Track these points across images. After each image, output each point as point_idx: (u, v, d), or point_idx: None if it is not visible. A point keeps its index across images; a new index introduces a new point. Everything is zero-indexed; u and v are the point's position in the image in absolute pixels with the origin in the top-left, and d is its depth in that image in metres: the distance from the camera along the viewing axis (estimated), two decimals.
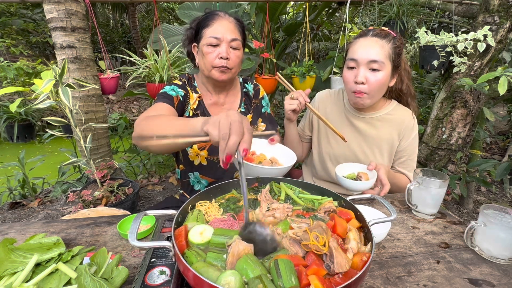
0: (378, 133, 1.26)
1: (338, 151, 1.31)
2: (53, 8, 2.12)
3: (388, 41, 1.11)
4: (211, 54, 1.13)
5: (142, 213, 0.66)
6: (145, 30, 9.99)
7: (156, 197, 2.93)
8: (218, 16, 1.16)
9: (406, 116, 1.25)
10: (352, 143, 1.29)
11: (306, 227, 0.63)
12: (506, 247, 0.77)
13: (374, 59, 1.08)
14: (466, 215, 2.64)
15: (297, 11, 4.86)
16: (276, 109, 4.39)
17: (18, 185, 2.72)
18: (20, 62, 3.60)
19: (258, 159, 1.10)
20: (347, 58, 1.17)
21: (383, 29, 1.15)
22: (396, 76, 1.20)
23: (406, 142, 1.25)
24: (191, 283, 0.53)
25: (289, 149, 1.16)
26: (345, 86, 1.21)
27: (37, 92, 1.78)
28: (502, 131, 4.82)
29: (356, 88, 1.13)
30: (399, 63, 1.16)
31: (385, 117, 1.25)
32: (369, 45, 1.11)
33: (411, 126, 1.24)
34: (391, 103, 1.28)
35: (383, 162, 1.28)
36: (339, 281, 0.53)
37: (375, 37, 1.12)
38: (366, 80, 1.11)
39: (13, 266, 0.63)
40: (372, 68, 1.10)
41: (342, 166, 1.14)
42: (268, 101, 1.42)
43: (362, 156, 1.28)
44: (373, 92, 1.13)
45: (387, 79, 1.14)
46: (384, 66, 1.10)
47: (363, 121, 1.27)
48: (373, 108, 1.26)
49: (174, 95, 1.17)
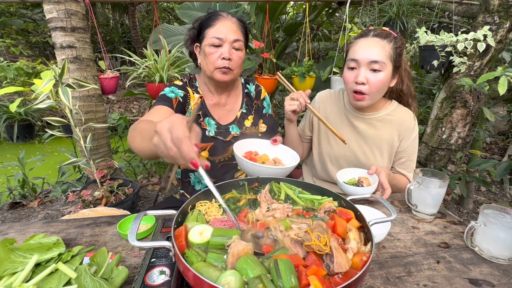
0: (378, 133, 1.26)
1: (338, 151, 1.31)
2: (53, 8, 2.12)
3: (389, 41, 1.11)
4: (213, 55, 1.13)
5: (142, 213, 0.66)
6: (145, 30, 9.99)
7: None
8: (221, 16, 1.15)
9: (406, 116, 1.25)
10: (352, 144, 1.29)
11: (306, 227, 0.63)
12: (506, 247, 0.77)
13: (375, 60, 1.08)
14: (466, 215, 2.65)
15: (297, 11, 4.86)
16: (276, 109, 4.39)
17: (18, 185, 2.72)
18: (20, 62, 3.60)
19: (261, 159, 1.11)
20: (348, 59, 1.17)
21: (384, 29, 1.15)
22: (397, 76, 1.19)
23: (406, 143, 1.25)
24: (191, 283, 0.53)
25: (291, 150, 1.16)
26: (346, 86, 1.20)
27: (37, 92, 1.78)
28: (502, 131, 4.82)
29: (357, 88, 1.13)
30: (400, 64, 1.16)
31: (385, 118, 1.25)
32: (370, 45, 1.10)
33: (411, 126, 1.24)
34: (392, 103, 1.28)
35: (383, 162, 1.28)
36: (339, 281, 0.53)
37: (376, 37, 1.11)
38: (367, 80, 1.10)
39: (13, 266, 0.63)
40: (373, 68, 1.10)
41: (343, 171, 1.14)
42: (270, 102, 1.42)
43: (362, 156, 1.28)
44: (374, 93, 1.13)
45: (388, 80, 1.13)
46: (385, 66, 1.10)
47: (364, 122, 1.27)
48: (374, 108, 1.25)
49: (173, 97, 1.16)
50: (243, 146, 1.13)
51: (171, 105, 1.14)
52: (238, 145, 1.10)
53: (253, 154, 1.12)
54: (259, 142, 1.19)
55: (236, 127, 1.28)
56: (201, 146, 1.23)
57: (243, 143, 1.14)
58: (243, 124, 1.31)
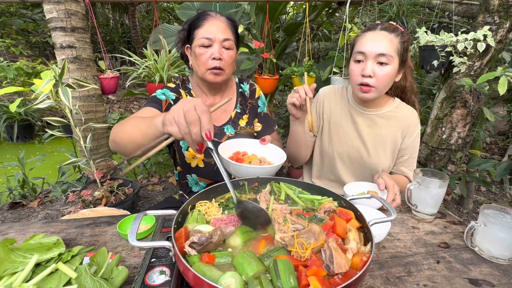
0: (382, 130, 1.25)
1: (341, 149, 1.29)
2: (53, 8, 2.12)
3: (396, 35, 1.10)
4: (203, 55, 1.12)
5: (142, 213, 0.66)
6: (145, 30, 9.99)
7: (156, 197, 2.93)
8: (209, 16, 1.14)
9: (410, 114, 1.25)
10: (356, 141, 1.28)
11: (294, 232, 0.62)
12: (506, 247, 0.77)
13: (382, 53, 1.07)
14: (466, 215, 2.65)
15: (297, 11, 4.86)
16: (276, 109, 4.39)
17: (18, 185, 2.72)
18: (20, 62, 3.60)
19: (249, 159, 1.08)
20: (354, 52, 1.15)
21: (391, 23, 1.14)
22: (402, 71, 1.19)
23: (409, 140, 1.25)
24: (191, 283, 0.53)
25: (280, 149, 1.13)
26: (351, 79, 1.18)
27: (37, 92, 1.78)
28: (502, 131, 4.82)
29: (363, 81, 1.11)
30: (406, 58, 1.15)
31: (389, 114, 1.24)
32: (378, 38, 1.09)
33: (414, 124, 1.24)
34: (394, 100, 1.28)
35: (386, 159, 1.27)
36: (338, 281, 0.53)
37: (383, 31, 1.10)
38: (374, 73, 1.09)
39: (13, 266, 0.63)
40: (380, 61, 1.09)
41: (350, 185, 1.11)
42: (265, 101, 1.40)
43: (365, 153, 1.27)
44: (380, 86, 1.12)
45: (394, 74, 1.13)
46: (392, 60, 1.09)
47: (368, 118, 1.26)
48: (377, 104, 1.25)
49: (163, 99, 1.16)
50: (231, 147, 1.11)
51: (160, 107, 1.14)
52: (226, 145, 1.08)
53: (240, 154, 1.10)
54: (248, 142, 1.17)
55: (231, 127, 1.28)
56: None
57: (231, 143, 1.12)
58: (237, 124, 1.30)
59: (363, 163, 1.27)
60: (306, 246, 0.58)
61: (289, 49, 4.57)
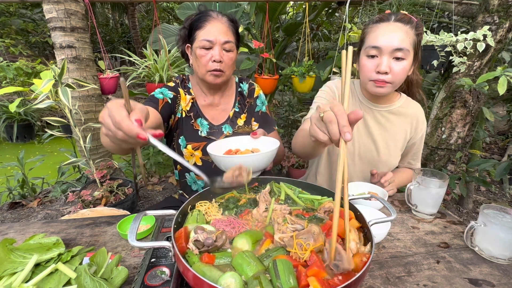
0: (393, 127, 1.23)
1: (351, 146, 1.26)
2: (53, 8, 2.12)
3: (412, 27, 1.02)
4: (204, 57, 1.12)
5: (142, 213, 0.66)
6: (145, 30, 9.99)
7: (156, 197, 2.93)
8: (211, 17, 1.14)
9: (417, 109, 1.24)
10: (366, 138, 1.25)
11: (294, 233, 0.62)
12: (506, 247, 0.77)
13: (399, 47, 0.99)
14: (466, 215, 2.65)
15: (297, 11, 4.86)
16: (276, 109, 4.39)
17: (17, 185, 2.72)
18: (20, 62, 3.60)
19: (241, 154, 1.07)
20: (367, 46, 1.06)
21: (405, 13, 1.05)
22: (415, 65, 1.12)
23: (418, 135, 1.25)
24: (190, 284, 0.53)
25: (273, 139, 1.11)
26: (363, 74, 1.11)
27: (36, 92, 1.77)
28: (501, 131, 4.83)
29: (378, 78, 1.04)
30: (418, 51, 1.08)
31: (399, 110, 1.22)
32: (393, 30, 1.01)
33: (422, 119, 1.24)
34: (401, 96, 1.25)
35: (396, 154, 1.26)
36: (338, 282, 0.53)
37: (398, 22, 1.02)
38: (390, 69, 1.02)
39: (13, 266, 0.63)
40: (396, 56, 1.01)
41: (351, 185, 1.10)
42: (265, 100, 1.40)
43: (375, 151, 1.24)
44: (396, 81, 1.06)
45: (409, 68, 1.06)
46: (409, 54, 1.01)
47: (379, 114, 1.23)
48: (388, 100, 1.21)
49: (160, 98, 1.16)
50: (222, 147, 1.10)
51: (157, 106, 1.14)
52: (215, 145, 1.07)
53: (233, 152, 1.09)
54: (239, 139, 1.14)
55: (229, 126, 1.28)
56: (194, 145, 1.23)
57: (221, 143, 1.11)
58: (235, 123, 1.31)
59: (373, 161, 1.24)
60: (305, 247, 0.58)
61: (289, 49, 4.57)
